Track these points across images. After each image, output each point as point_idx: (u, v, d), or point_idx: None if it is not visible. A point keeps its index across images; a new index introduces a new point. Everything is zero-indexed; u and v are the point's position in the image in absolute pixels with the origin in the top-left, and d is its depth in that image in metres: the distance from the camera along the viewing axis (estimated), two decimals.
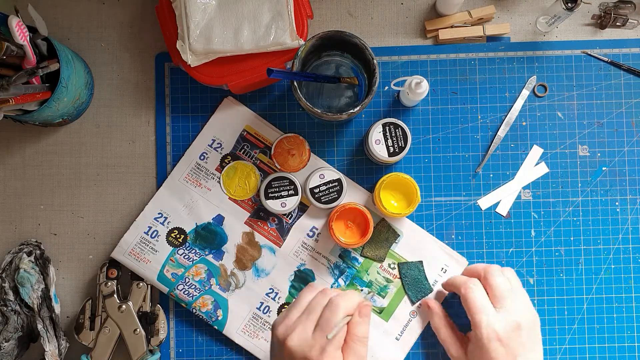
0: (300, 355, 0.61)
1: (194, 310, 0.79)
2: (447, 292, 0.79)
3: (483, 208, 0.81)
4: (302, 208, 0.80)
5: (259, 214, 0.80)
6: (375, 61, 0.71)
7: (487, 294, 0.72)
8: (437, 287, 0.79)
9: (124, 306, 0.77)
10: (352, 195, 0.80)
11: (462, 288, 0.72)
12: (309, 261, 0.79)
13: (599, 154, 0.81)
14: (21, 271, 0.76)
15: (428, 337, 0.79)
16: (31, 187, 0.81)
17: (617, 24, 0.81)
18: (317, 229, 0.80)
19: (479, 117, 0.81)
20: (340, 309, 0.63)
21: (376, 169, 0.81)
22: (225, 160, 0.80)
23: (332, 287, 0.79)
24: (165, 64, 0.82)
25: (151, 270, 0.79)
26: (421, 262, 0.79)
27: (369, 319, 0.66)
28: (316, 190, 0.78)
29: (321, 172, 0.78)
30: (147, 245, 0.79)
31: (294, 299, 0.68)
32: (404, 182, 0.76)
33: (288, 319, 0.64)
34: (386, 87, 0.81)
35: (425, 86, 0.73)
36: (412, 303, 0.79)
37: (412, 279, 0.79)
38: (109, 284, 0.78)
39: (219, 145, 0.80)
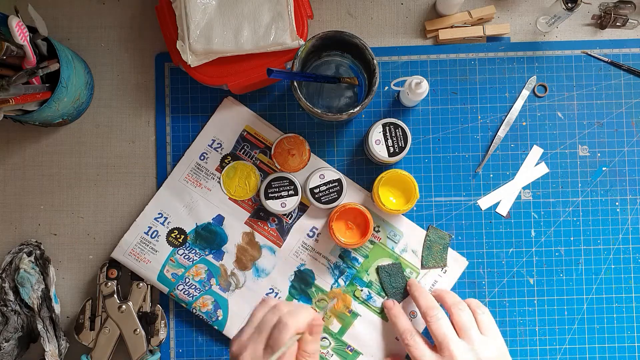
0: None
1: (194, 311, 0.79)
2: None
3: (483, 208, 0.81)
4: (302, 208, 0.80)
5: (259, 214, 0.80)
6: (375, 61, 0.71)
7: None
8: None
9: (124, 306, 0.77)
10: (352, 196, 0.80)
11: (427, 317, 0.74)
12: (309, 261, 0.79)
13: (599, 154, 0.81)
14: (21, 271, 0.76)
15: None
16: (31, 187, 0.81)
17: (617, 24, 0.81)
18: (317, 229, 0.80)
19: (479, 117, 0.81)
20: (288, 328, 0.61)
21: (376, 169, 0.81)
22: (225, 161, 0.80)
23: (331, 287, 0.79)
24: (165, 64, 0.82)
25: (151, 271, 0.79)
26: (400, 263, 0.79)
27: (319, 336, 0.65)
28: (316, 191, 0.78)
29: (321, 172, 0.78)
30: (147, 245, 0.79)
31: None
32: (403, 178, 0.76)
33: (242, 337, 0.63)
34: (386, 87, 0.81)
35: (425, 86, 0.73)
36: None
37: (391, 281, 0.79)
38: (109, 284, 0.78)
39: (219, 145, 0.80)
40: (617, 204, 0.81)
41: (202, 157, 0.80)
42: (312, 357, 0.63)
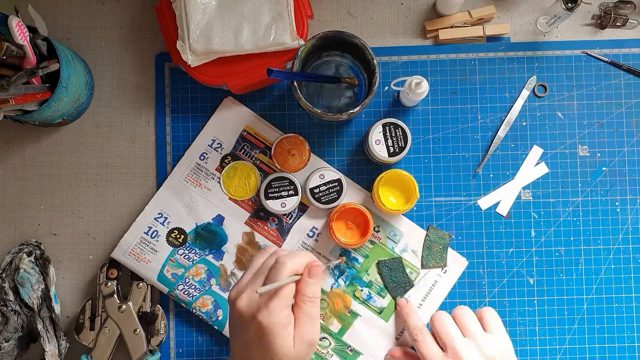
0: (248, 315, 0.60)
1: (194, 311, 0.79)
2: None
3: (483, 208, 0.81)
4: (302, 208, 0.80)
5: (259, 214, 0.80)
6: (375, 61, 0.71)
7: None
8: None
9: (124, 306, 0.77)
10: (352, 196, 0.80)
11: (412, 336, 0.74)
12: None
13: (599, 154, 0.81)
14: (21, 271, 0.76)
15: None
16: (31, 187, 0.81)
17: (617, 24, 0.81)
18: (317, 229, 0.80)
19: (479, 117, 0.81)
20: (285, 267, 0.61)
21: (376, 169, 0.81)
22: (225, 161, 0.80)
23: (331, 287, 0.79)
24: (165, 64, 0.82)
25: (151, 271, 0.79)
26: (400, 258, 0.79)
27: (319, 280, 0.64)
28: (316, 191, 0.78)
29: (321, 172, 0.78)
30: (147, 245, 0.79)
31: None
32: (403, 178, 0.76)
33: (240, 283, 0.63)
34: (386, 87, 0.81)
35: (425, 86, 0.73)
36: (394, 299, 0.79)
37: (391, 275, 0.79)
38: (109, 284, 0.78)
39: (219, 145, 0.80)
40: (617, 204, 0.81)
41: (202, 157, 0.80)
42: (313, 302, 0.62)
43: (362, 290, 0.79)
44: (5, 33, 0.68)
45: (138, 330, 0.77)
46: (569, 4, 0.74)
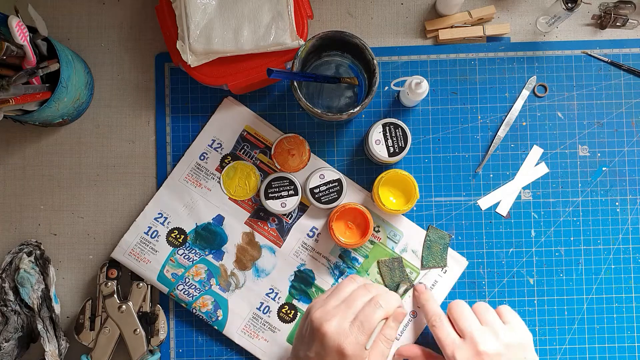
0: (334, 341, 0.64)
1: (194, 311, 0.79)
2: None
3: (483, 208, 0.81)
4: (302, 208, 0.80)
5: (259, 214, 0.80)
6: (375, 61, 0.71)
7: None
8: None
9: (124, 306, 0.77)
10: (352, 196, 0.80)
11: (430, 322, 0.74)
12: (309, 261, 0.79)
13: (599, 154, 0.81)
14: (21, 271, 0.76)
15: (428, 337, 0.79)
16: (31, 187, 0.81)
17: (617, 24, 0.82)
18: (317, 229, 0.80)
19: (479, 117, 0.81)
20: (382, 310, 0.66)
21: (376, 169, 0.81)
22: (225, 161, 0.80)
23: (331, 287, 0.79)
24: (165, 64, 0.82)
25: (151, 271, 0.79)
26: (400, 258, 0.79)
27: (399, 325, 0.69)
28: (316, 191, 0.78)
29: (321, 172, 0.78)
30: (147, 245, 0.79)
31: (332, 287, 0.72)
32: (403, 178, 0.76)
33: (327, 305, 0.67)
34: (386, 87, 0.81)
35: (425, 86, 0.73)
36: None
37: (391, 275, 0.79)
38: (109, 284, 0.78)
39: (219, 145, 0.80)
40: (617, 204, 0.81)
41: (202, 157, 0.80)
42: (388, 343, 0.67)
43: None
44: (5, 33, 0.68)
45: (138, 330, 0.77)
46: (569, 4, 0.74)
